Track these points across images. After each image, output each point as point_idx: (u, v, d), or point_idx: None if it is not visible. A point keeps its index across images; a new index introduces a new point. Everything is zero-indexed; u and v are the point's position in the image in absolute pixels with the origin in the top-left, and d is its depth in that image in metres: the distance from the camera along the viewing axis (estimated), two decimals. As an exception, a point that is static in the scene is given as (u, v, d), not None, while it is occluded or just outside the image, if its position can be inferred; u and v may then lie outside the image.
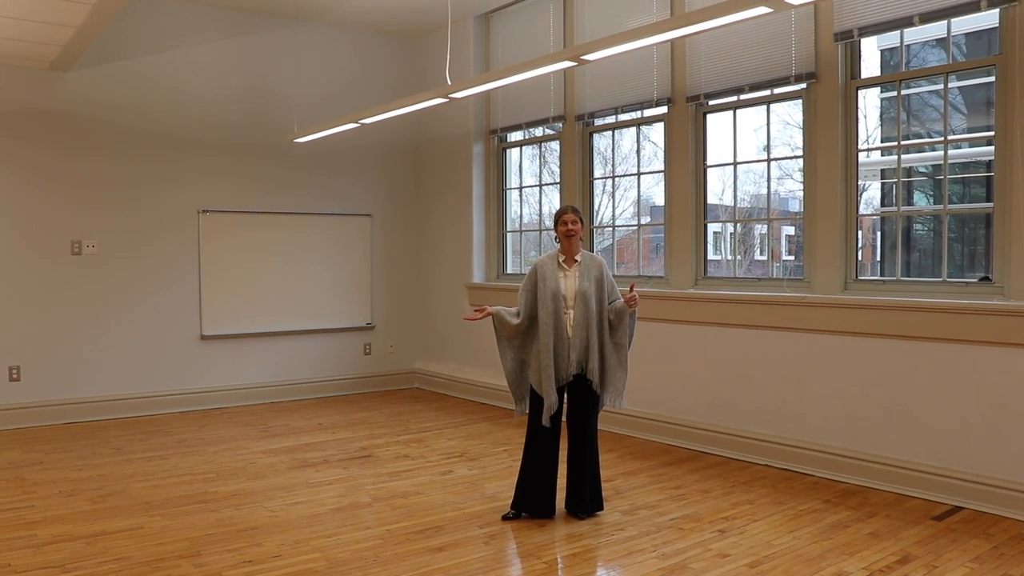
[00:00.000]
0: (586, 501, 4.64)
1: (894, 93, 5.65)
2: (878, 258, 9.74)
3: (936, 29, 5.45)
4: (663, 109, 6.66)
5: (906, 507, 4.82)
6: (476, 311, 4.58)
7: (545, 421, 4.46)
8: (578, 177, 7.47)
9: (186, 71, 7.86)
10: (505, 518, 4.61)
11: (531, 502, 4.60)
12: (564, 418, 4.62)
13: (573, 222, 4.56)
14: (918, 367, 5.03)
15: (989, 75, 4.99)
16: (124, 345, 7.60)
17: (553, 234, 4.72)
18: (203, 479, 5.49)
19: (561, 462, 4.66)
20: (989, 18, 5.01)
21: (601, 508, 4.71)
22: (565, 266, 4.58)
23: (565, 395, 4.60)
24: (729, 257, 7.63)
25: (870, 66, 6.75)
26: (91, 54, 7.21)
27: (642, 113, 6.91)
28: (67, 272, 7.34)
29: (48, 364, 7.27)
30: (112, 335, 7.54)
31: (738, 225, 7.05)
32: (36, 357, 7.21)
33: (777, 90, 5.92)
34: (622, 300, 4.55)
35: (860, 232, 5.81)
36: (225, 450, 6.31)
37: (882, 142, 9.33)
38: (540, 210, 8.18)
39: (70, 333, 7.36)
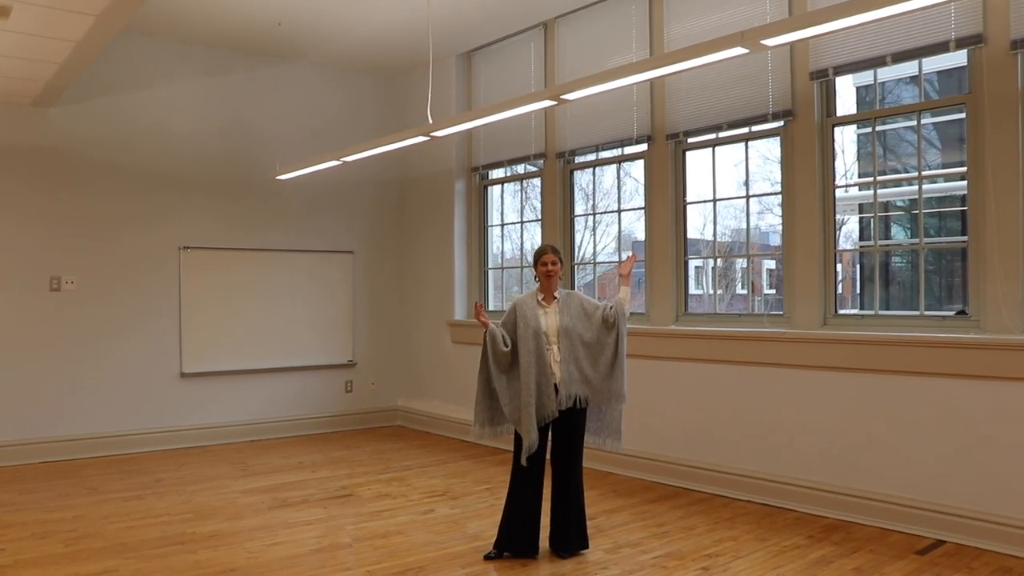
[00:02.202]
0: (571, 539, 4.60)
1: (870, 129, 5.74)
2: (858, 291, 9.82)
3: (909, 67, 5.55)
4: (643, 147, 6.72)
5: (889, 541, 4.82)
6: (478, 311, 4.55)
7: (523, 460, 4.43)
8: (559, 213, 7.51)
9: (169, 108, 7.87)
10: (487, 558, 4.57)
11: (515, 541, 4.56)
12: (548, 456, 4.60)
13: (552, 263, 4.60)
14: (898, 401, 5.05)
15: (961, 112, 5.08)
16: (103, 382, 7.52)
17: (533, 272, 4.74)
18: (181, 520, 5.42)
19: (545, 500, 4.63)
20: (959, 57, 5.10)
21: (586, 546, 4.67)
22: (544, 304, 4.59)
23: (549, 433, 4.58)
24: (710, 291, 7.66)
25: (846, 102, 6.86)
26: (74, 90, 7.21)
27: (622, 150, 6.97)
28: (46, 308, 7.28)
29: (24, 401, 7.17)
30: (91, 372, 7.47)
31: (719, 260, 7.09)
32: (12, 394, 7.12)
33: (755, 128, 5.99)
34: (611, 302, 4.56)
35: (839, 265, 5.87)
36: (204, 489, 6.23)
37: (859, 177, 9.45)
38: (522, 246, 8.20)
39: (48, 370, 7.28)
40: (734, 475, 5.90)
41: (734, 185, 6.56)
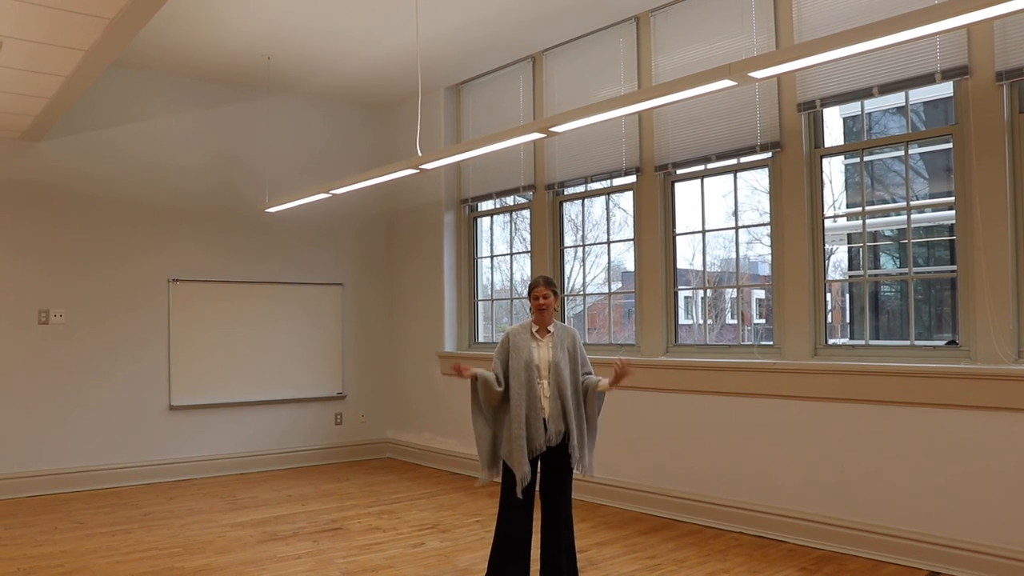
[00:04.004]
0: (562, 572, 4.54)
1: (857, 159, 5.78)
2: (847, 320, 9.84)
3: (896, 98, 5.61)
4: (632, 178, 6.75)
5: (883, 573, 4.79)
6: (459, 369, 4.44)
7: (519, 493, 4.40)
8: (549, 245, 7.52)
9: (158, 141, 7.89)
10: (478, 592, 4.52)
11: (505, 575, 4.50)
12: (537, 489, 4.56)
13: (544, 296, 4.52)
14: (889, 431, 5.05)
15: (948, 142, 5.12)
16: (91, 416, 7.46)
17: (528, 304, 4.71)
18: (169, 554, 5.35)
19: (535, 533, 4.59)
20: (945, 88, 5.16)
21: (576, 580, 4.62)
22: (538, 336, 4.55)
23: (538, 465, 4.54)
24: (700, 321, 7.66)
25: (833, 133, 6.91)
26: (63, 124, 7.22)
27: (611, 182, 7.00)
28: (33, 342, 7.24)
29: (11, 435, 7.10)
30: (79, 406, 7.41)
31: (708, 290, 7.10)
32: (-2, 430, 7.07)
33: (743, 159, 6.03)
34: (593, 376, 4.53)
35: (829, 295, 5.88)
36: (192, 523, 6.17)
37: (848, 207, 9.52)
38: (511, 277, 8.21)
39: (35, 404, 7.22)
40: (725, 506, 5.87)
41: (723, 215, 6.60)
